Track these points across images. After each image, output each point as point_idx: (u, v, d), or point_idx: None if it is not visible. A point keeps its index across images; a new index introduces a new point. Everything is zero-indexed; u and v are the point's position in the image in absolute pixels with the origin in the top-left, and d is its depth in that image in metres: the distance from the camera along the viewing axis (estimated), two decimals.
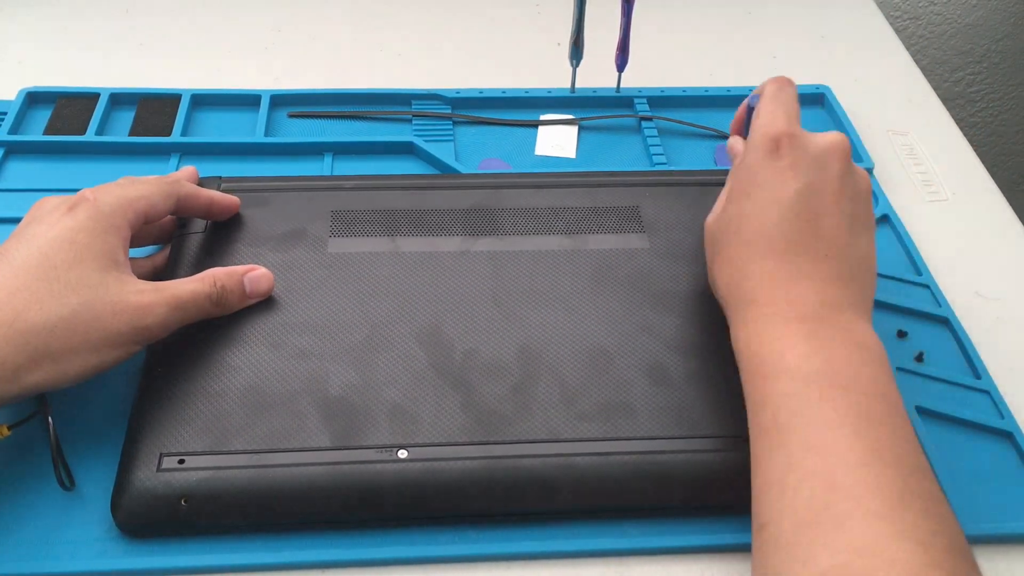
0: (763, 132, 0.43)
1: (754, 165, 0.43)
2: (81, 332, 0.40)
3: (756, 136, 0.44)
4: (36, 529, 0.41)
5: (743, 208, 0.43)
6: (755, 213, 0.42)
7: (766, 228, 0.41)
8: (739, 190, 0.44)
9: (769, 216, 0.41)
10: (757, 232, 0.42)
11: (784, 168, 0.42)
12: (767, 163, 0.42)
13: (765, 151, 0.43)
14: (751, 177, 0.43)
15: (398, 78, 0.70)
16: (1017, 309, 0.55)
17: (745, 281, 0.42)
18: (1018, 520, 0.43)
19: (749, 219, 0.42)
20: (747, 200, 0.43)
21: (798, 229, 0.41)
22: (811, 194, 0.41)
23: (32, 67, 0.70)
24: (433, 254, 0.50)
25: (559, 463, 0.41)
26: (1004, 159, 1.30)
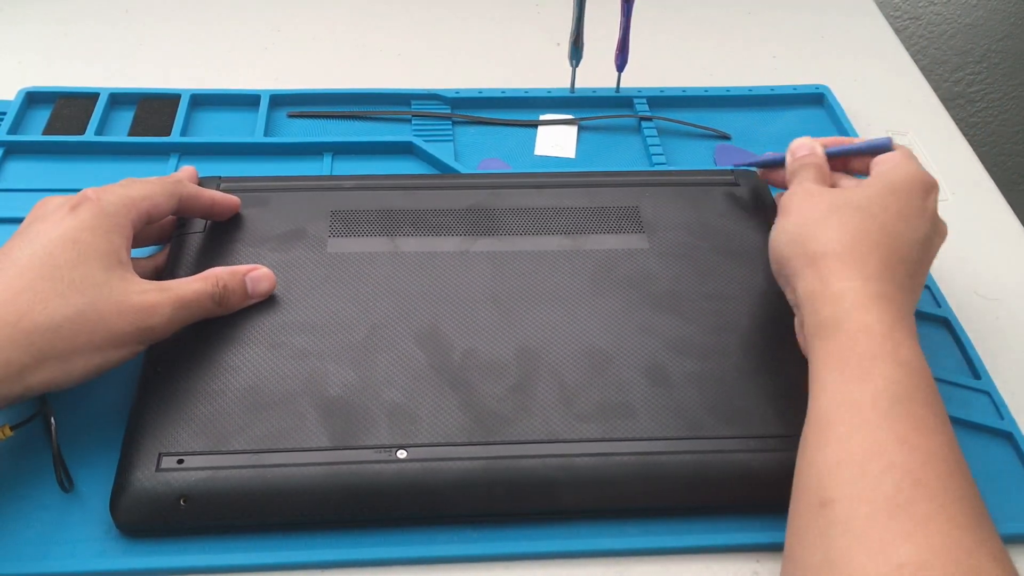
0: (923, 175, 0.47)
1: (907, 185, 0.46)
2: (86, 332, 0.40)
3: (916, 170, 0.47)
4: (36, 529, 0.41)
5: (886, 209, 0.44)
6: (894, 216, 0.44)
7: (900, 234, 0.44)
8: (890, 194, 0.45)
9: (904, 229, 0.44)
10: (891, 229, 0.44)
11: (929, 211, 0.46)
12: (918, 194, 0.46)
13: (921, 186, 0.46)
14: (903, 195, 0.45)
15: (398, 78, 0.70)
16: (1017, 309, 0.55)
17: (873, 256, 0.42)
18: (1018, 520, 0.43)
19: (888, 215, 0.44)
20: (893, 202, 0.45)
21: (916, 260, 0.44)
22: (930, 247, 0.46)
23: (32, 67, 0.70)
24: (433, 254, 0.50)
25: (558, 463, 0.41)
26: (1004, 159, 1.30)
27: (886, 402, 0.37)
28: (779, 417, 0.43)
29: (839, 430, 0.37)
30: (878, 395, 0.37)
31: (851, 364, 0.39)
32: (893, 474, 0.35)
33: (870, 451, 0.36)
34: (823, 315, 0.41)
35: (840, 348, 0.39)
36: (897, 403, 0.37)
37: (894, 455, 0.35)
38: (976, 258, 0.58)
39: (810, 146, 0.50)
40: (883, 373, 0.38)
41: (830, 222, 0.44)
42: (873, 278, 0.41)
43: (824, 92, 0.69)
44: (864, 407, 0.37)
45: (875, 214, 0.44)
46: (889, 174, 0.46)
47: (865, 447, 0.36)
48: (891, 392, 0.37)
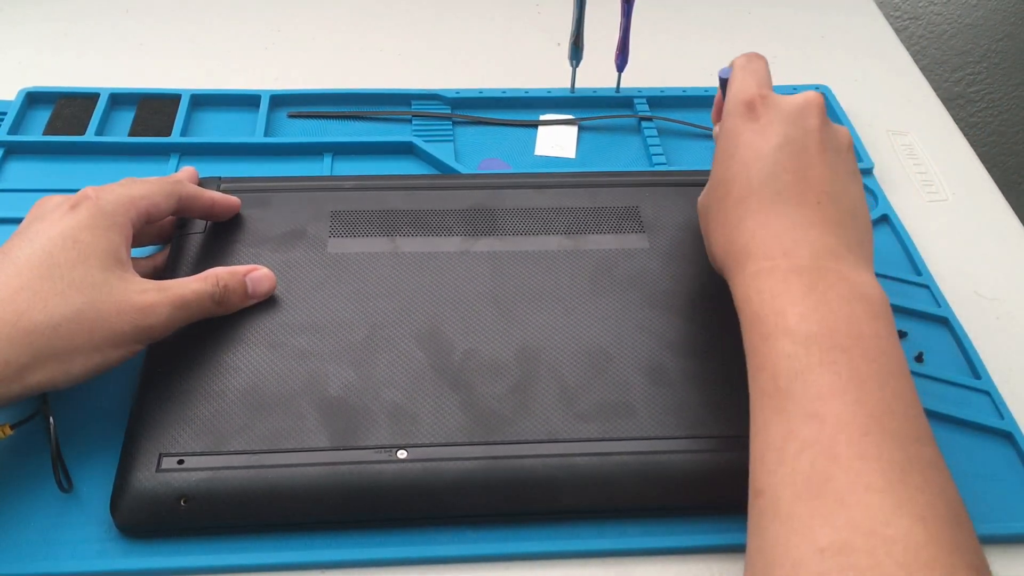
0: (736, 98, 0.44)
1: (732, 129, 0.43)
2: (85, 331, 0.40)
3: (730, 102, 0.44)
4: (36, 529, 0.41)
5: (728, 170, 0.43)
6: (740, 172, 0.42)
7: (753, 183, 0.41)
8: (722, 154, 0.44)
9: (755, 171, 0.42)
10: (745, 188, 0.42)
11: (762, 126, 0.42)
12: (744, 125, 0.43)
13: (740, 115, 0.43)
14: (731, 140, 0.43)
15: (398, 78, 0.70)
16: (1017, 309, 0.55)
17: (739, 237, 0.41)
18: (1018, 520, 0.43)
19: (736, 178, 0.42)
20: (731, 161, 0.43)
21: (785, 180, 0.41)
22: (792, 146, 0.42)
23: (32, 67, 0.70)
24: (433, 254, 0.50)
25: (559, 463, 0.41)
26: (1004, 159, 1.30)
27: (785, 380, 0.36)
28: None
29: (758, 420, 0.37)
30: (777, 376, 0.36)
31: (753, 355, 0.38)
32: (808, 453, 0.34)
33: (784, 435, 0.35)
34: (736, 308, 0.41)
35: (746, 345, 0.39)
36: (795, 377, 0.36)
37: (805, 433, 0.34)
38: (976, 258, 0.58)
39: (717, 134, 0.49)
40: (773, 351, 0.37)
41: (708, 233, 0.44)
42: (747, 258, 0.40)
43: (824, 92, 0.69)
44: (769, 392, 0.36)
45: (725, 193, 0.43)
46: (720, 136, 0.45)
47: (779, 432, 0.35)
48: (785, 368, 0.36)
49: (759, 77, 0.45)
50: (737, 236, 0.41)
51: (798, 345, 0.36)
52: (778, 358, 0.37)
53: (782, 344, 0.37)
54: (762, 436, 0.36)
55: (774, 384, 0.36)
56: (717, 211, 0.43)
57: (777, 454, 0.35)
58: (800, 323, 0.37)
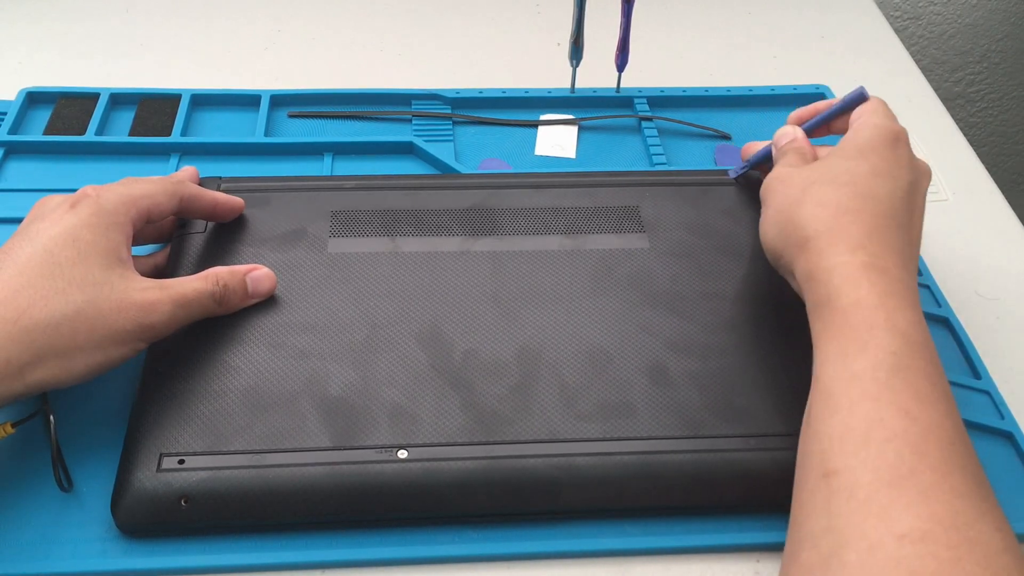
0: (888, 123, 0.47)
1: (874, 141, 0.46)
2: (86, 329, 0.40)
3: (880, 121, 0.47)
4: (36, 529, 0.41)
5: (859, 165, 0.45)
6: (871, 174, 0.44)
7: (880, 194, 0.43)
8: (856, 150, 0.45)
9: (884, 185, 0.44)
10: (871, 191, 0.43)
11: (902, 158, 0.45)
12: (887, 146, 0.46)
13: (887, 137, 0.46)
14: (872, 146, 0.45)
15: (398, 78, 0.70)
16: (1017, 309, 0.55)
17: (855, 225, 0.42)
18: (1018, 520, 0.43)
19: (863, 178, 0.44)
20: (864, 160, 0.45)
21: (904, 212, 0.44)
22: (915, 190, 0.45)
23: (32, 67, 0.70)
24: (433, 254, 0.50)
25: (559, 463, 0.41)
26: (1004, 159, 1.30)
27: (884, 372, 0.37)
28: (779, 416, 0.43)
29: (841, 402, 0.37)
30: (877, 366, 0.37)
31: (848, 337, 0.39)
32: (895, 444, 0.35)
33: (872, 422, 0.36)
34: (818, 295, 0.41)
35: (835, 324, 0.40)
36: (896, 373, 0.37)
37: (896, 426, 0.35)
38: (976, 258, 0.58)
39: (791, 133, 0.51)
40: (880, 343, 0.38)
41: (805, 204, 0.44)
42: (860, 248, 0.41)
43: (824, 92, 0.69)
44: (864, 378, 0.37)
45: (847, 182, 0.44)
46: (855, 137, 0.47)
47: (867, 418, 0.36)
48: (889, 362, 0.37)
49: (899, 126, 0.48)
50: (853, 222, 0.42)
51: (906, 346, 0.38)
52: (883, 351, 0.38)
53: (891, 340, 0.38)
54: (843, 417, 0.37)
55: (872, 372, 0.37)
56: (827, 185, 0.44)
57: (861, 438, 0.35)
58: (909, 328, 0.39)
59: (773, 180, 0.48)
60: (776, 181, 0.47)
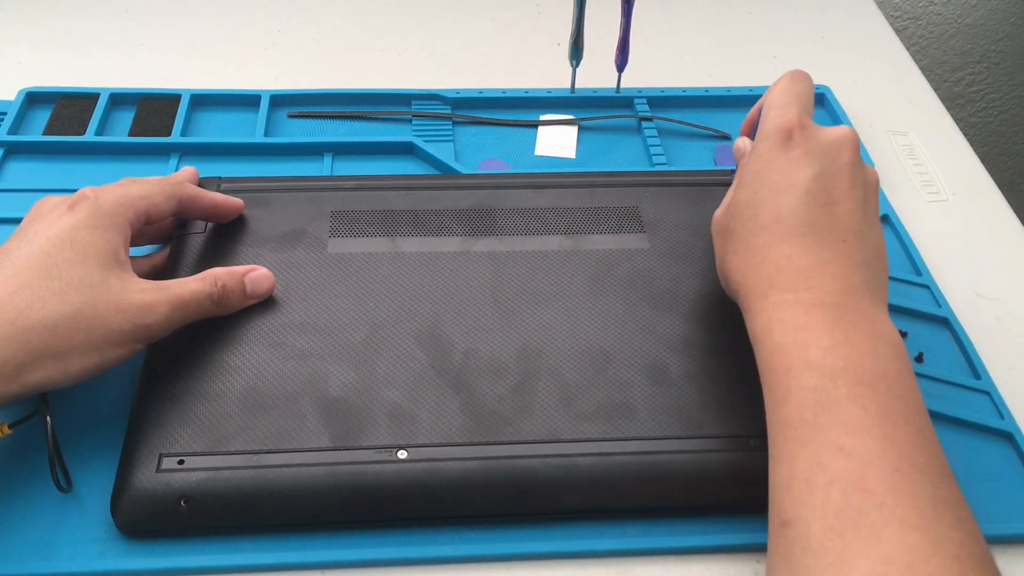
0: (775, 123, 0.43)
1: (766, 154, 0.43)
2: (83, 330, 0.40)
3: (768, 127, 0.44)
4: (35, 529, 0.41)
5: (757, 195, 0.42)
6: (769, 199, 0.42)
7: (782, 213, 0.41)
8: (751, 178, 0.43)
9: (785, 201, 0.41)
10: (773, 217, 0.41)
11: (797, 156, 0.42)
12: (779, 152, 0.42)
13: (777, 141, 0.43)
14: (764, 165, 0.43)
15: (398, 78, 0.70)
16: (1017, 309, 0.55)
17: (763, 266, 0.41)
18: (1018, 521, 0.43)
19: (764, 205, 0.42)
20: (761, 187, 0.42)
21: (815, 213, 0.41)
22: (826, 180, 0.41)
23: (32, 67, 0.70)
24: (433, 254, 0.50)
25: (559, 464, 0.41)
26: (1004, 159, 1.30)
27: (811, 412, 0.36)
28: None
29: (782, 451, 0.37)
30: (802, 408, 0.36)
31: (773, 386, 0.38)
32: (839, 485, 0.34)
33: (812, 467, 0.35)
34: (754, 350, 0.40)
35: (764, 375, 0.39)
36: (821, 410, 0.36)
37: (835, 466, 0.34)
38: (976, 258, 0.58)
39: (741, 148, 0.48)
40: (799, 384, 0.37)
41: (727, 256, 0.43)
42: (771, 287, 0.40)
43: (824, 92, 0.69)
44: (794, 424, 0.36)
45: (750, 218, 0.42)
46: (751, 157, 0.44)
47: (807, 464, 0.35)
48: (812, 400, 0.36)
49: (801, 103, 0.44)
50: (760, 265, 0.41)
51: (824, 378, 0.36)
52: (803, 390, 0.37)
53: (807, 376, 0.37)
54: (787, 466, 0.36)
55: (799, 416, 0.36)
56: (739, 235, 0.43)
57: (806, 485, 0.35)
58: (825, 357, 0.37)
59: (712, 224, 0.46)
60: (712, 226, 0.46)
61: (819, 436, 0.35)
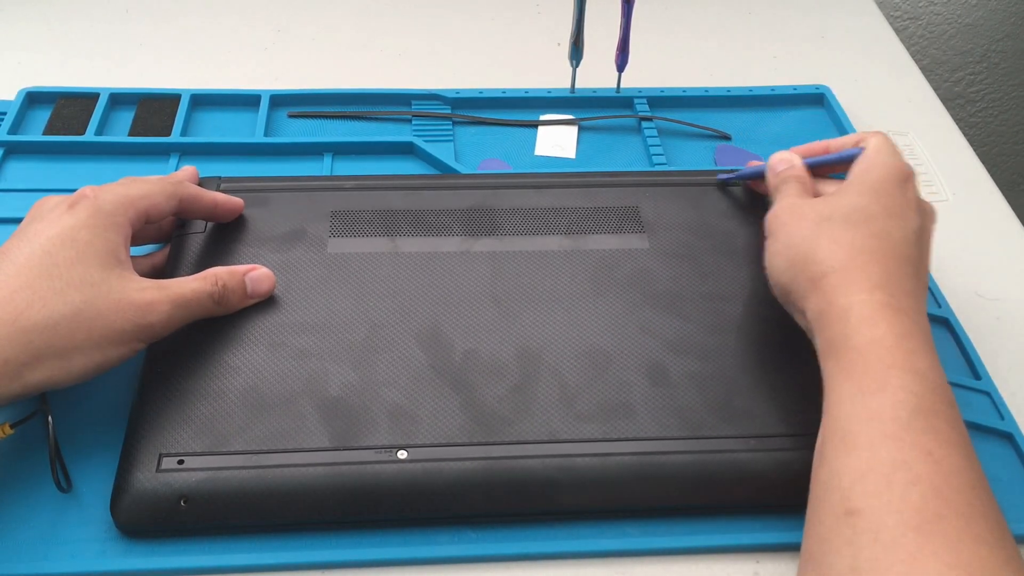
0: (898, 163, 0.46)
1: (885, 181, 0.45)
2: (84, 329, 0.40)
3: (891, 163, 0.46)
4: (35, 529, 0.41)
5: (869, 208, 0.44)
6: (883, 218, 0.44)
7: (894, 236, 0.43)
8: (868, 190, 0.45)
9: (898, 228, 0.44)
10: (884, 233, 0.43)
11: (911, 200, 0.45)
12: (898, 187, 0.45)
13: (898, 178, 0.45)
14: (882, 188, 0.45)
15: (398, 78, 0.70)
16: (1017, 309, 0.55)
17: (871, 266, 0.42)
18: (1018, 521, 0.43)
19: (877, 220, 0.43)
20: (876, 203, 0.44)
21: (915, 254, 0.44)
22: (923, 234, 0.45)
23: (32, 67, 0.70)
24: (433, 254, 0.50)
25: (559, 464, 0.41)
26: (1004, 159, 1.30)
27: (906, 413, 0.37)
28: (779, 417, 0.43)
29: (860, 440, 0.37)
30: (897, 405, 0.37)
31: (866, 376, 0.38)
32: (920, 487, 0.35)
33: (896, 462, 0.35)
34: (832, 333, 0.40)
35: (852, 362, 0.39)
36: (918, 414, 0.37)
37: (920, 468, 0.35)
38: (976, 258, 0.58)
39: (788, 160, 0.50)
40: (900, 383, 0.38)
41: (821, 239, 0.43)
42: (877, 288, 0.41)
43: (824, 92, 0.69)
44: (885, 418, 0.37)
45: (861, 221, 0.43)
46: (865, 175, 0.46)
47: (891, 458, 0.36)
48: (911, 403, 0.37)
49: None
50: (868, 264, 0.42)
51: (926, 388, 0.38)
52: (903, 391, 0.37)
53: (910, 380, 0.38)
54: (865, 456, 0.36)
55: (893, 411, 0.37)
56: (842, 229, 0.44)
57: (884, 479, 0.35)
58: (930, 371, 0.39)
59: (782, 211, 0.46)
60: (786, 213, 0.46)
61: (908, 436, 0.36)
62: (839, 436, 0.38)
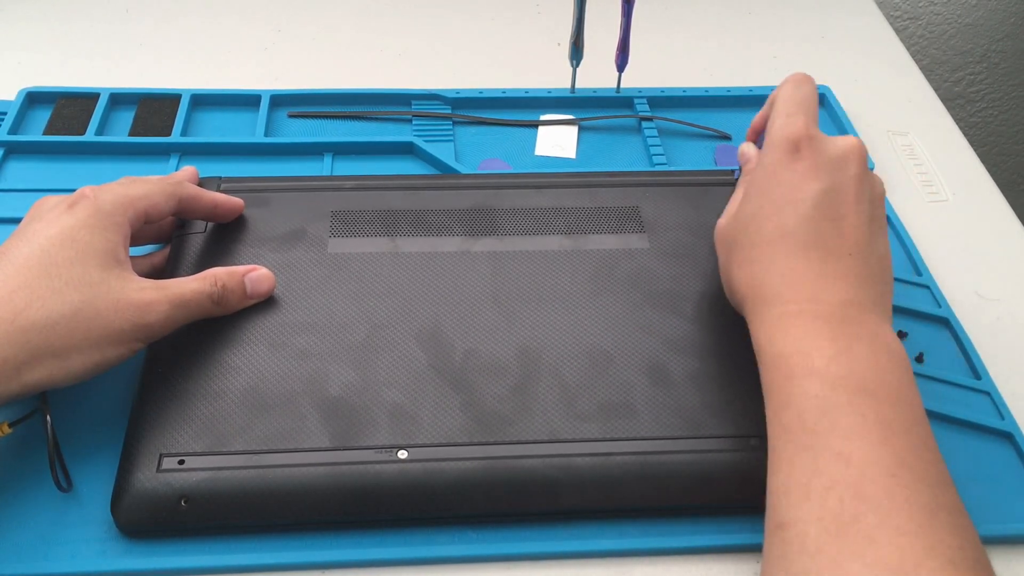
0: (782, 134, 0.43)
1: (773, 165, 0.43)
2: (83, 329, 0.40)
3: (775, 137, 0.44)
4: (36, 529, 0.41)
5: (762, 207, 0.43)
6: (775, 212, 0.42)
7: (788, 226, 0.41)
8: (758, 190, 0.43)
9: (791, 214, 0.41)
10: (779, 230, 0.41)
11: (805, 169, 0.42)
12: (786, 164, 0.42)
13: (784, 152, 0.42)
14: (770, 177, 0.43)
15: (398, 78, 0.70)
16: (1017, 309, 0.55)
17: (768, 278, 0.41)
18: (1018, 521, 0.43)
19: (770, 218, 0.42)
20: (767, 199, 0.42)
21: (821, 228, 0.41)
22: (832, 194, 0.41)
23: (32, 67, 0.70)
24: (433, 254, 0.50)
25: (559, 464, 0.41)
26: (1004, 159, 1.30)
27: (812, 418, 0.37)
28: None
29: (781, 456, 0.37)
30: (802, 414, 0.37)
31: (775, 393, 0.39)
32: (836, 491, 0.34)
33: (811, 470, 0.35)
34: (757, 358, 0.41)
35: (766, 383, 0.40)
36: (821, 416, 0.36)
37: (833, 471, 0.35)
38: (976, 258, 0.58)
39: (747, 154, 0.49)
40: (800, 391, 0.37)
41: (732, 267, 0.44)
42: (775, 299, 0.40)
43: (824, 92, 0.69)
44: (794, 430, 0.37)
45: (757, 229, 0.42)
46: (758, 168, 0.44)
47: (805, 468, 0.36)
48: (812, 407, 0.37)
49: (807, 111, 0.44)
50: (765, 277, 0.41)
51: (825, 386, 0.37)
52: (804, 397, 0.37)
53: (808, 384, 0.37)
54: (785, 471, 0.37)
55: (800, 422, 0.37)
56: (744, 244, 0.43)
57: (803, 490, 0.35)
58: (828, 365, 0.37)
59: (716, 233, 0.47)
60: (716, 235, 0.47)
61: (818, 442, 0.36)
62: (769, 456, 0.38)
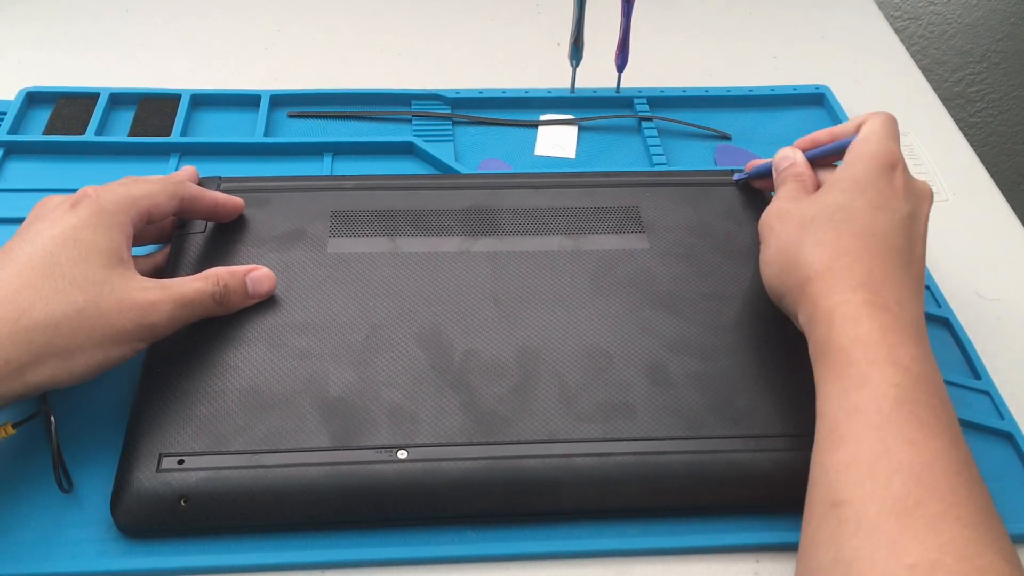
0: (885, 150, 0.46)
1: (869, 173, 0.45)
2: (86, 329, 0.40)
3: (877, 150, 0.46)
4: (36, 529, 0.41)
5: (854, 203, 0.44)
6: (867, 212, 0.44)
7: (878, 227, 0.43)
8: (850, 186, 0.45)
9: (883, 219, 0.44)
10: (867, 229, 0.43)
11: (899, 187, 0.45)
12: (883, 175, 0.45)
13: (883, 165, 0.45)
14: (866, 179, 0.45)
15: (398, 78, 0.70)
16: (1017, 309, 0.55)
17: (854, 266, 0.42)
18: (1018, 521, 0.43)
19: (860, 215, 0.44)
20: (860, 197, 0.44)
21: (903, 244, 0.43)
22: (914, 220, 0.45)
23: (32, 67, 0.70)
24: (433, 254, 0.50)
25: (559, 464, 0.41)
26: (1004, 159, 1.30)
27: (888, 404, 0.37)
28: (779, 417, 0.43)
29: (845, 434, 0.37)
30: (879, 398, 0.38)
31: (850, 373, 0.39)
32: (901, 475, 0.35)
33: (878, 452, 0.36)
34: (820, 335, 0.41)
35: (837, 362, 0.40)
36: (900, 406, 0.37)
37: (902, 456, 0.36)
38: (976, 258, 0.58)
39: (791, 156, 0.50)
40: (882, 377, 0.38)
41: (805, 243, 0.44)
42: (861, 286, 0.41)
43: (824, 92, 0.70)
44: (868, 411, 0.37)
45: (844, 219, 0.44)
46: (850, 169, 0.46)
47: (873, 449, 0.36)
48: (892, 395, 0.38)
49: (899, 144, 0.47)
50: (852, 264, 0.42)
51: (908, 379, 0.38)
52: (885, 384, 0.38)
53: (892, 373, 0.38)
54: (850, 448, 0.37)
55: (875, 404, 0.37)
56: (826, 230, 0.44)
57: (866, 468, 0.36)
58: (912, 363, 0.39)
59: (771, 217, 0.47)
60: (774, 219, 0.47)
61: (890, 427, 0.37)
62: (827, 433, 0.38)
